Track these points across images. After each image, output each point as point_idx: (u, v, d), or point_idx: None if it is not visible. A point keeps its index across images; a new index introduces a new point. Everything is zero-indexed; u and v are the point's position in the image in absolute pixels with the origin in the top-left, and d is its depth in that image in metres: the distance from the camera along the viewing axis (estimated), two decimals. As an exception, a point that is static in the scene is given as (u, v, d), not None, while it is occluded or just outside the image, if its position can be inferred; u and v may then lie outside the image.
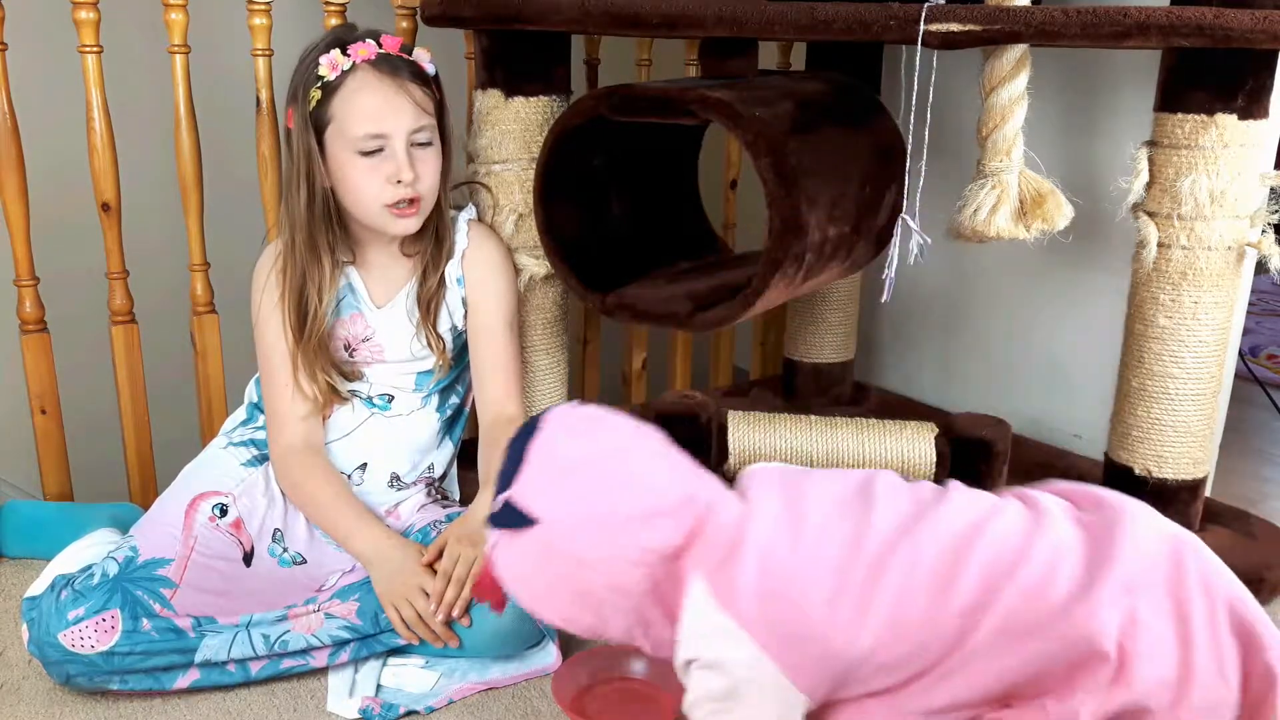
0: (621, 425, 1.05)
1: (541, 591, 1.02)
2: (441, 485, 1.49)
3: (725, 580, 0.98)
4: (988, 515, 1.00)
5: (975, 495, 1.03)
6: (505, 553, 1.01)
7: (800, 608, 0.97)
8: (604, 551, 0.98)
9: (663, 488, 1.01)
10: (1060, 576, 0.95)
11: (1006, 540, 0.97)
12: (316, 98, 1.30)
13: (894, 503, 1.02)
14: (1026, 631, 0.94)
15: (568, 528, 0.98)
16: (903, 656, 0.96)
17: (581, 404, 1.08)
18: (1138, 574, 0.94)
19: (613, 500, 0.99)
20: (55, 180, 1.59)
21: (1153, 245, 1.33)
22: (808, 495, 1.04)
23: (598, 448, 1.02)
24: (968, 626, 0.95)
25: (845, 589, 0.96)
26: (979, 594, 0.95)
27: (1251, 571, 1.39)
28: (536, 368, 1.57)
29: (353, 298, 1.41)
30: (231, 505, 1.33)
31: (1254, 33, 1.17)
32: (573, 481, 1.00)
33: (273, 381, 1.38)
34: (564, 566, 0.99)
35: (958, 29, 1.22)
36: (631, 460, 1.02)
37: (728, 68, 1.42)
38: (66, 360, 1.55)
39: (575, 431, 1.03)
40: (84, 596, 1.20)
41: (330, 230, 1.35)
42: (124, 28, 1.54)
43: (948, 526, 0.99)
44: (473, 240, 1.44)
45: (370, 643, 1.28)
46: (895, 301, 1.40)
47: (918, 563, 0.97)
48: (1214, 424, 1.43)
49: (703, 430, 1.56)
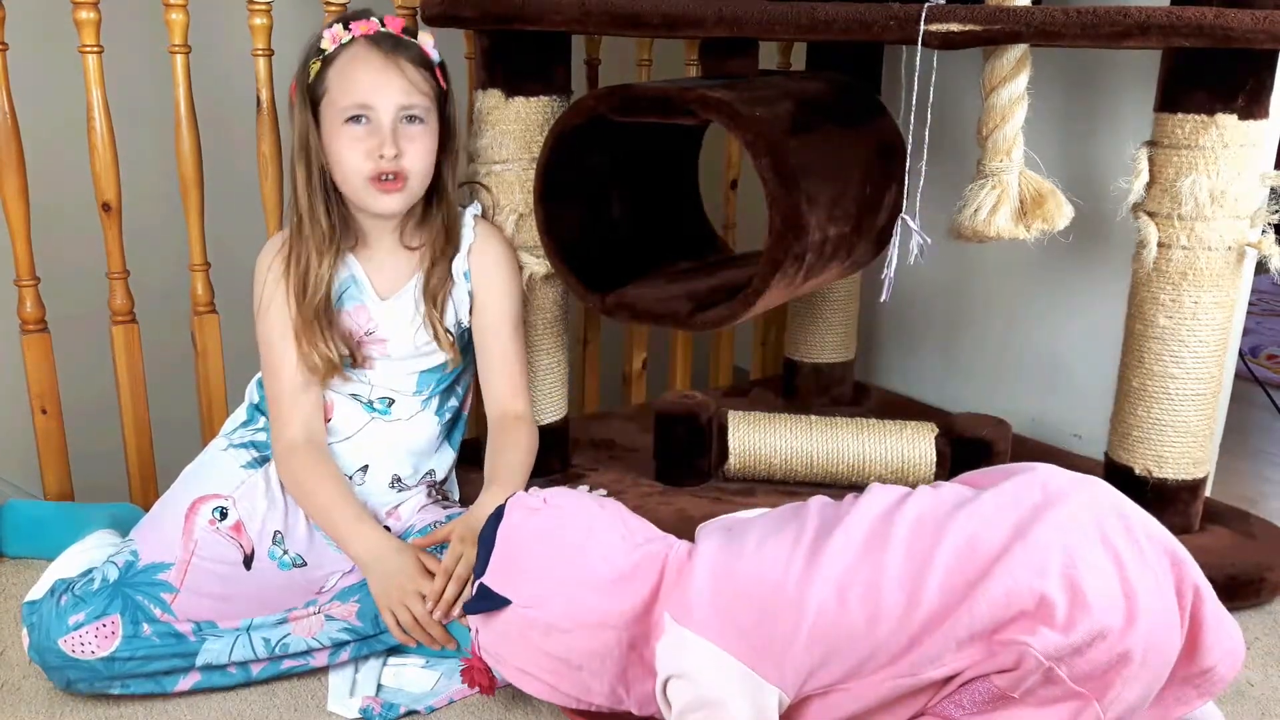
0: (578, 502, 1.14)
1: (525, 665, 1.10)
2: (442, 487, 1.48)
3: (680, 599, 1.06)
4: (905, 496, 1.08)
5: (892, 487, 1.11)
6: (487, 634, 1.10)
7: (750, 600, 1.03)
8: (575, 620, 1.07)
9: (619, 553, 1.09)
10: (990, 532, 1.00)
11: (931, 511, 1.05)
12: (315, 69, 1.31)
13: (825, 508, 1.11)
14: (969, 586, 0.98)
15: (538, 603, 1.07)
16: (852, 629, 1.00)
17: (539, 489, 1.16)
18: (1064, 515, 1.00)
19: (574, 572, 1.08)
20: (55, 180, 1.59)
21: (1153, 245, 1.33)
22: (747, 521, 1.14)
23: (557, 524, 1.11)
24: (911, 593, 1.00)
25: (789, 572, 1.03)
26: (913, 562, 1.01)
27: (1251, 571, 1.39)
28: (537, 368, 1.57)
29: (356, 289, 1.40)
30: (232, 508, 1.33)
31: (1254, 33, 1.17)
32: (535, 559, 1.09)
33: (275, 371, 1.38)
34: (541, 638, 1.08)
35: (958, 29, 1.22)
36: (590, 532, 1.10)
37: (728, 68, 1.42)
38: (66, 360, 1.55)
39: (535, 511, 1.11)
40: (84, 602, 1.20)
41: (328, 203, 1.35)
42: (124, 28, 1.54)
43: (871, 508, 1.07)
44: (480, 236, 1.44)
45: (371, 642, 1.29)
46: (895, 301, 1.40)
47: (853, 537, 1.04)
48: (1214, 424, 1.43)
49: (703, 430, 1.56)
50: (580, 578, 1.07)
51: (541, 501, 1.12)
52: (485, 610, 1.08)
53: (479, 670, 1.15)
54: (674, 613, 1.06)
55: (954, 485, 1.11)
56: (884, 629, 1.00)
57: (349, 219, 1.38)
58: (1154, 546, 1.01)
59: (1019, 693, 0.97)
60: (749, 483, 1.58)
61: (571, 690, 1.10)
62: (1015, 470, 1.09)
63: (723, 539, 1.10)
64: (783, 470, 1.56)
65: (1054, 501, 1.02)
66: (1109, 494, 1.06)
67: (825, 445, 1.55)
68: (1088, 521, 1.00)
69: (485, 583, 1.09)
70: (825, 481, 1.55)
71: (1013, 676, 0.97)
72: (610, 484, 1.58)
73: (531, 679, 1.10)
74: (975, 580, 0.98)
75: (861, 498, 1.09)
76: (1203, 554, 1.11)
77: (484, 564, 1.10)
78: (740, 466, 1.57)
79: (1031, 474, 1.07)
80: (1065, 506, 1.01)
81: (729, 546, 1.08)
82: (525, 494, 1.15)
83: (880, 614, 1.00)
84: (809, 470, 1.55)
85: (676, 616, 1.05)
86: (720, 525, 1.14)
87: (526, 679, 1.10)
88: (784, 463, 1.56)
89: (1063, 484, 1.05)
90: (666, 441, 1.58)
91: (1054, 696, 0.97)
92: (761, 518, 1.14)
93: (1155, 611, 0.97)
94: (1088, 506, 1.02)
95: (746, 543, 1.08)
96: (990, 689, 0.99)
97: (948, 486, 1.10)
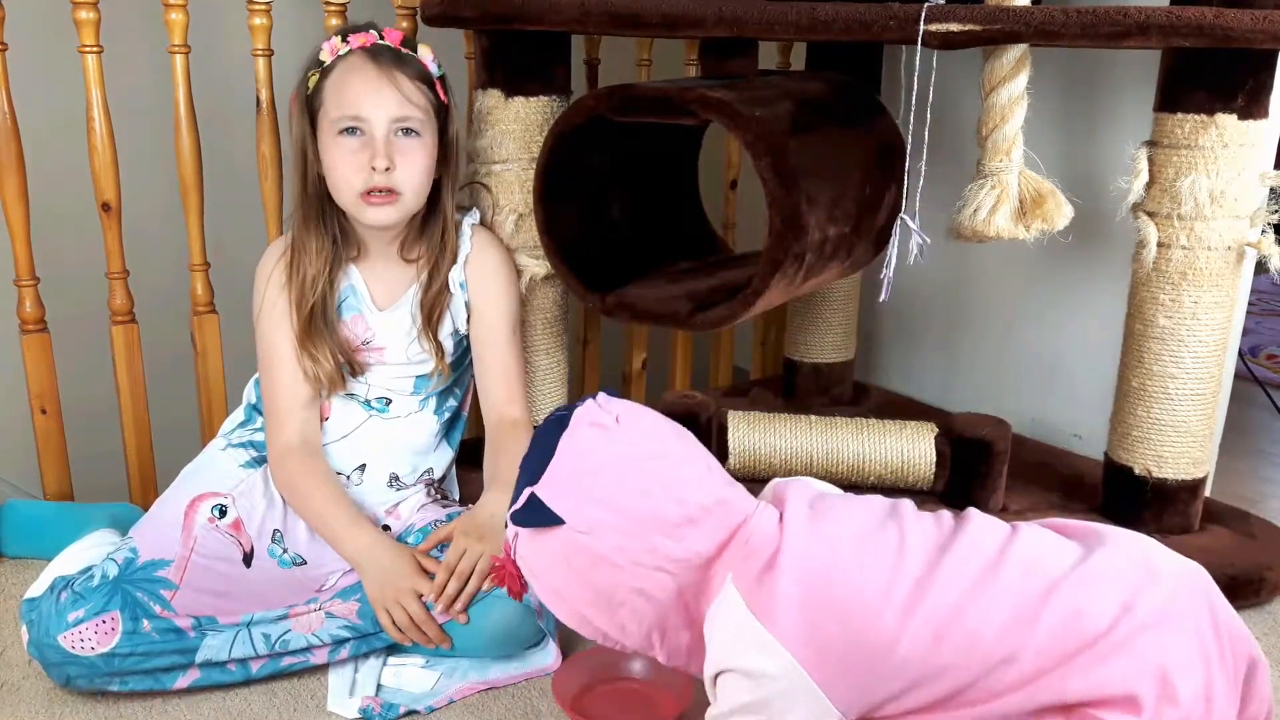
0: (655, 426, 1.03)
1: (561, 588, 1.00)
2: (441, 486, 1.49)
3: (763, 593, 0.97)
4: (1011, 535, 1.00)
5: (993, 520, 1.03)
6: (527, 546, 1.00)
7: (842, 617, 0.96)
8: (630, 557, 0.97)
9: (694, 496, 0.99)
10: (1096, 605, 0.94)
11: (1040, 563, 0.97)
12: (314, 80, 1.32)
13: (922, 522, 1.02)
14: (1066, 659, 0.93)
15: (595, 531, 0.97)
16: (940, 669, 0.95)
17: (614, 398, 1.04)
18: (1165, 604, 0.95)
19: (642, 506, 0.97)
20: (55, 180, 1.59)
21: (1153, 245, 1.33)
22: (838, 510, 1.03)
23: (629, 449, 1.00)
24: (1009, 650, 0.94)
25: (889, 599, 0.95)
26: (1018, 620, 0.94)
27: (1251, 571, 1.39)
28: (536, 368, 1.57)
29: (354, 299, 1.41)
30: (231, 506, 1.33)
31: (1254, 33, 1.17)
32: (602, 483, 0.98)
33: (273, 377, 1.38)
34: (588, 567, 0.98)
35: (958, 29, 1.22)
36: (664, 465, 1.00)
37: (728, 68, 1.42)
38: (66, 360, 1.55)
39: (607, 429, 1.00)
40: (84, 598, 1.20)
41: (326, 216, 1.36)
42: (124, 28, 1.54)
43: (981, 544, 0.98)
44: (476, 245, 1.44)
45: (370, 640, 1.29)
46: (895, 301, 1.40)
47: (962, 574, 0.96)
48: (1214, 424, 1.43)
49: (703, 430, 1.56)
50: (646, 515, 0.97)
51: (614, 419, 1.01)
52: (534, 524, 0.98)
53: (511, 575, 1.04)
54: (749, 597, 0.97)
55: (1057, 536, 1.03)
56: (969, 676, 0.95)
57: (349, 230, 1.39)
58: (1234, 645, 0.97)
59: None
60: (749, 483, 1.57)
61: (605, 626, 1.01)
62: (1115, 537, 1.02)
63: (811, 526, 1.00)
64: (783, 470, 1.56)
65: (1156, 583, 0.96)
66: (1204, 582, 1.00)
67: (825, 445, 1.55)
68: (1186, 614, 0.95)
69: (538, 493, 0.98)
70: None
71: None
72: (610, 484, 1.58)
73: (565, 604, 1.01)
74: (1073, 654, 0.93)
75: (965, 525, 1.01)
76: (1203, 554, 1.11)
77: (536, 472, 0.99)
78: (740, 466, 1.57)
79: (1135, 546, 1.01)
80: (1167, 593, 0.96)
81: (822, 542, 0.99)
82: (594, 403, 1.02)
83: (973, 664, 0.95)
84: (809, 470, 1.55)
85: (754, 608, 0.97)
86: (803, 499, 1.04)
87: (559, 602, 1.01)
88: (784, 463, 1.56)
89: (1165, 565, 0.99)
90: (666, 441, 1.58)
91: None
92: (851, 505, 1.04)
93: (1224, 715, 0.94)
94: (1186, 596, 0.97)
95: (841, 545, 0.99)
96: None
97: (1051, 536, 1.02)
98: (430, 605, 1.26)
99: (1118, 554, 0.98)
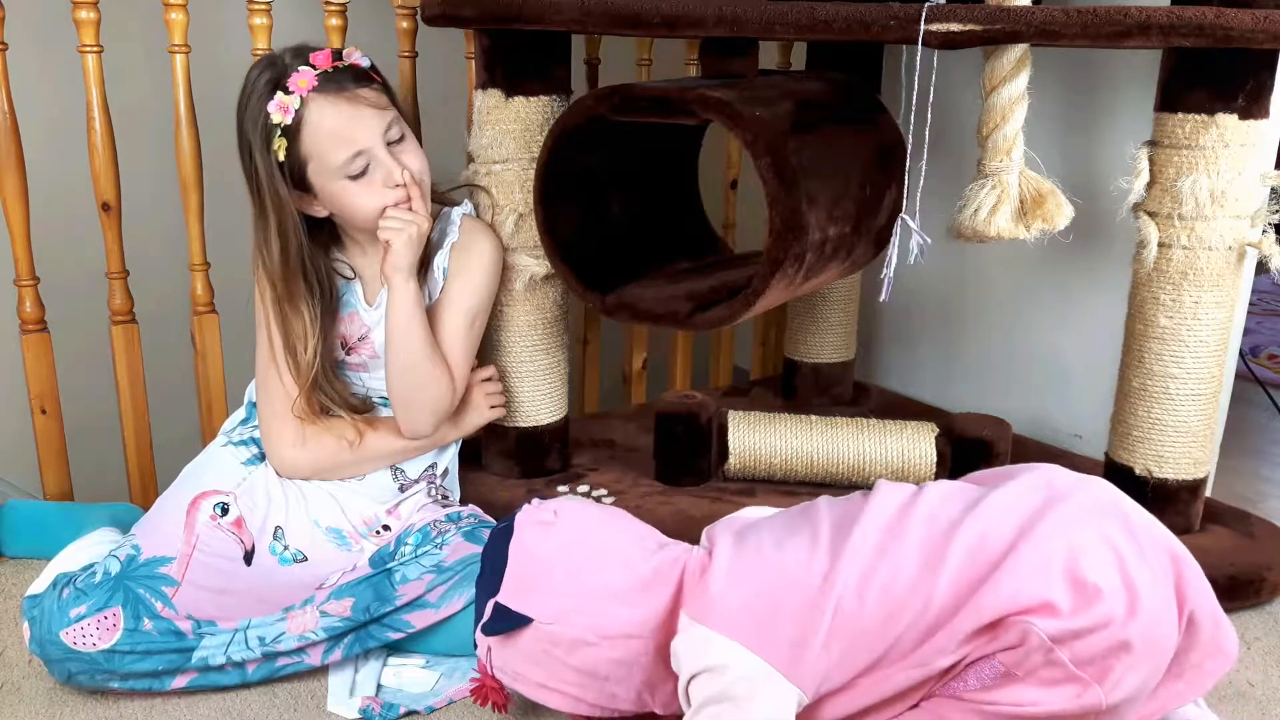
0: (590, 512, 1.15)
1: (546, 681, 1.09)
2: (443, 484, 1.49)
3: (700, 601, 1.06)
4: (915, 494, 1.10)
5: (901, 485, 1.12)
6: (502, 653, 1.09)
7: (772, 599, 1.04)
8: (600, 633, 1.06)
9: (639, 562, 1.10)
10: (998, 530, 1.02)
11: (943, 509, 1.06)
12: (284, 145, 1.29)
13: (834, 506, 1.12)
14: (979, 582, 1.00)
15: (563, 618, 1.06)
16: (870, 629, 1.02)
17: (544, 500, 1.15)
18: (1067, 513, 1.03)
19: (598, 583, 1.08)
20: (55, 180, 1.59)
21: (1153, 245, 1.33)
22: (759, 525, 1.13)
23: (573, 538, 1.11)
24: (926, 593, 1.01)
25: (810, 571, 1.04)
26: (927, 562, 1.03)
27: (1251, 571, 1.40)
28: (536, 368, 1.57)
29: (350, 297, 1.41)
30: (233, 504, 1.33)
31: (1254, 33, 1.17)
32: (558, 574, 1.08)
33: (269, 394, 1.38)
34: (564, 654, 1.07)
35: (958, 29, 1.22)
36: (607, 542, 1.11)
37: (728, 68, 1.42)
38: (66, 360, 1.55)
39: (548, 525, 1.11)
40: (86, 594, 1.21)
41: (307, 278, 1.35)
42: (124, 28, 1.54)
43: (885, 507, 1.08)
44: (464, 233, 1.44)
45: (363, 636, 1.28)
46: (895, 301, 1.40)
47: (868, 539, 1.05)
48: (1214, 424, 1.43)
49: (703, 430, 1.56)
50: (604, 590, 1.08)
51: (552, 514, 1.12)
52: (505, 631, 1.07)
53: (492, 689, 1.14)
54: (692, 612, 1.06)
55: (961, 484, 1.12)
56: (899, 627, 1.02)
57: (342, 239, 1.41)
58: (1154, 544, 1.03)
59: (1022, 671, 0.99)
60: (749, 483, 1.58)
61: (597, 700, 1.10)
62: (1019, 471, 1.11)
63: (737, 540, 1.10)
64: (783, 470, 1.56)
65: (1057, 500, 1.04)
66: (1110, 493, 1.09)
67: (825, 445, 1.55)
68: (1090, 519, 1.03)
69: (502, 602, 1.07)
70: (825, 481, 1.55)
71: (1016, 654, 0.99)
72: (610, 484, 1.58)
73: (554, 693, 1.10)
74: (984, 577, 1.00)
75: (872, 496, 1.10)
76: (1203, 554, 1.12)
77: (496, 583, 1.09)
78: (740, 466, 1.57)
79: (1035, 473, 1.09)
80: (1068, 505, 1.04)
81: (746, 546, 1.09)
82: (532, 507, 1.14)
83: (896, 613, 1.02)
84: (809, 470, 1.55)
85: (695, 616, 1.06)
86: (729, 528, 1.14)
87: (548, 694, 1.10)
88: (784, 463, 1.56)
89: (1066, 483, 1.08)
90: (667, 441, 1.58)
91: (1056, 678, 0.99)
92: (770, 520, 1.15)
93: (1154, 605, 1.00)
94: (1090, 505, 1.05)
95: (764, 543, 1.09)
96: (995, 668, 1.00)
97: (955, 485, 1.12)
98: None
99: (1017, 485, 1.07)
